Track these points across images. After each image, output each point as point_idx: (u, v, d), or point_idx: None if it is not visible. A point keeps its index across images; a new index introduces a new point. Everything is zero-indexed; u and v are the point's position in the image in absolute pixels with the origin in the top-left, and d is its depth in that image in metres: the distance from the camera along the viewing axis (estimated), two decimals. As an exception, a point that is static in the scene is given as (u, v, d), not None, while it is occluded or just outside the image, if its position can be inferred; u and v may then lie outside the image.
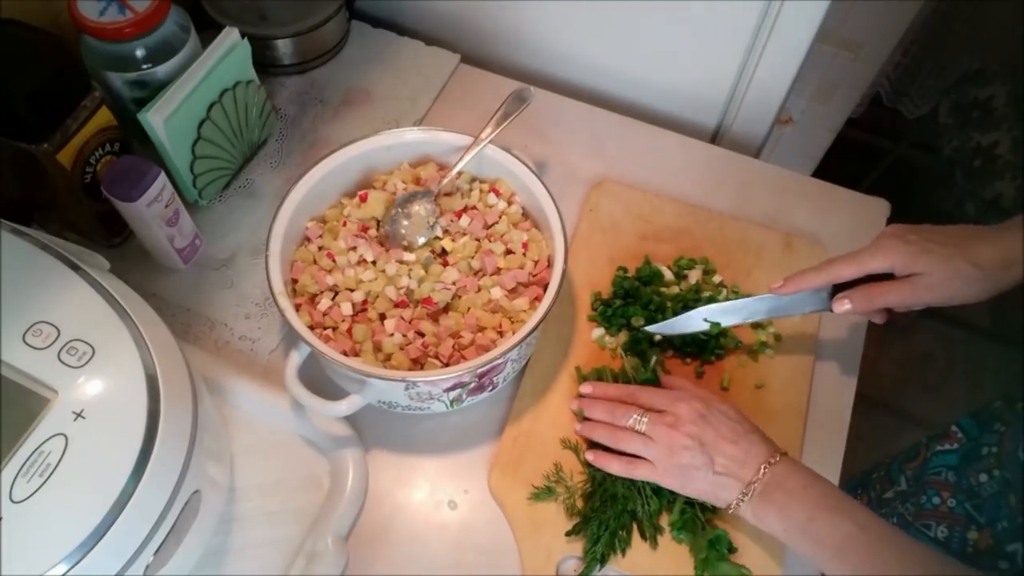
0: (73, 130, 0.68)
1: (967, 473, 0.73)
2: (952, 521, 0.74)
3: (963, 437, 0.77)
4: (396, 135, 0.76)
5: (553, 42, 0.96)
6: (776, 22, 0.81)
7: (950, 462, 0.77)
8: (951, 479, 0.76)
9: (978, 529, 0.71)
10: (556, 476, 0.70)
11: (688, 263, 0.81)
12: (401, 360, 0.66)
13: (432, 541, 0.68)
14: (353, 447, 0.70)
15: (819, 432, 0.74)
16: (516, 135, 0.78)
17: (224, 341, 0.77)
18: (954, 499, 0.74)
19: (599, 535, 0.66)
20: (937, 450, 0.79)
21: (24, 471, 0.47)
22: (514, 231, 0.73)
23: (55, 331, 0.52)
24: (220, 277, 0.81)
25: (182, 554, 0.55)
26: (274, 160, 0.89)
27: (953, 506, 0.74)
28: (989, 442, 0.72)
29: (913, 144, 1.86)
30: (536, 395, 0.74)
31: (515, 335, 0.64)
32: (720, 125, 0.97)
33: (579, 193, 0.88)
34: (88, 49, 0.74)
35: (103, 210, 0.74)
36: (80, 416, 0.49)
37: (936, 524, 0.75)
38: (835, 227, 0.86)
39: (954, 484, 0.75)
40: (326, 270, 0.71)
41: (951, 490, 0.75)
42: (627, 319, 0.76)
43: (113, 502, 0.47)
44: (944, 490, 0.75)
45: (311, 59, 0.95)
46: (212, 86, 0.76)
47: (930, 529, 0.75)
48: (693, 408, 0.64)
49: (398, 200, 0.74)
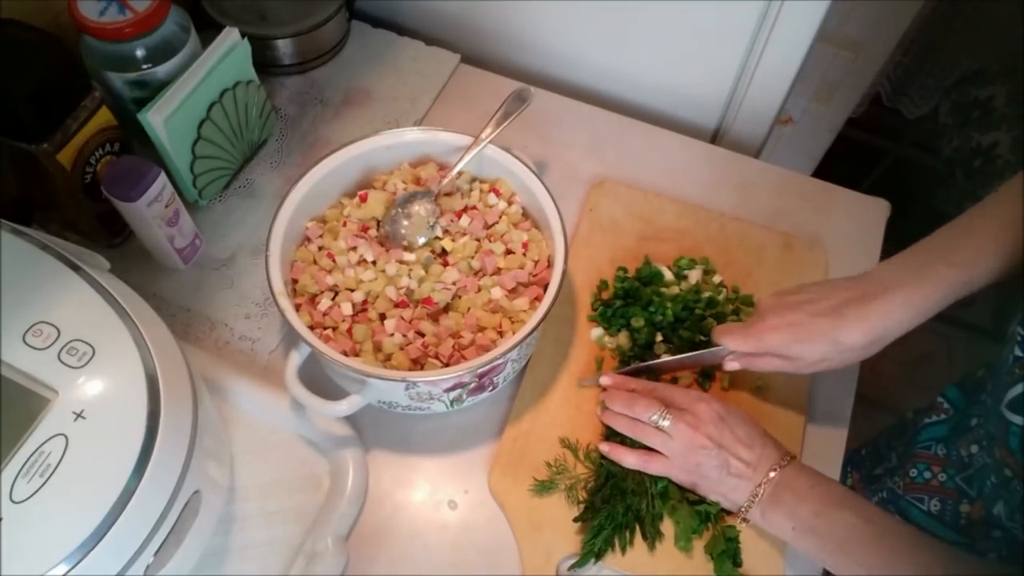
0: (73, 130, 0.68)
1: (957, 445, 0.74)
2: (944, 495, 0.75)
3: (950, 408, 0.78)
4: (396, 135, 0.76)
5: (553, 42, 0.96)
6: (776, 22, 0.81)
7: (939, 434, 0.78)
8: (941, 452, 0.76)
9: (970, 502, 0.73)
10: (559, 468, 0.70)
11: (688, 263, 0.81)
12: (401, 360, 0.66)
13: (432, 541, 0.68)
14: (353, 447, 0.70)
15: (819, 432, 0.74)
16: (516, 135, 0.78)
17: (224, 341, 0.77)
18: (945, 473, 0.75)
19: (602, 527, 0.66)
20: (925, 423, 0.80)
21: (24, 471, 0.47)
22: (514, 231, 0.73)
23: (55, 331, 0.52)
24: (220, 277, 0.81)
25: (182, 554, 0.55)
26: (274, 160, 0.89)
27: (944, 480, 0.75)
28: (977, 413, 0.73)
29: (913, 144, 1.86)
30: (536, 395, 0.74)
31: (515, 335, 0.64)
32: (720, 125, 0.97)
33: (579, 193, 0.88)
34: (88, 49, 0.74)
35: (103, 210, 0.74)
36: (80, 416, 0.49)
37: (928, 498, 0.76)
38: (835, 227, 0.86)
39: (944, 457, 0.76)
40: (326, 270, 0.71)
41: (941, 464, 0.76)
42: (627, 319, 0.76)
43: (113, 502, 0.47)
44: (935, 464, 0.76)
45: (311, 59, 0.95)
46: (212, 86, 0.76)
47: (922, 503, 0.76)
48: (713, 409, 0.66)
49: (398, 200, 0.74)
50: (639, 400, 0.68)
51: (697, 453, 0.65)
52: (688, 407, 0.67)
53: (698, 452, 0.65)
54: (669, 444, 0.66)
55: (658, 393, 0.69)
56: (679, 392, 0.69)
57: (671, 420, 0.66)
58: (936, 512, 0.75)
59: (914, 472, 0.78)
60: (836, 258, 0.84)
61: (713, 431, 0.65)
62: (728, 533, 0.66)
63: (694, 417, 0.65)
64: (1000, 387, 0.62)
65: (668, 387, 0.70)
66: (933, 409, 0.80)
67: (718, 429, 0.65)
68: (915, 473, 0.78)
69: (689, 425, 0.65)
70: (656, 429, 0.66)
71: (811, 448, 0.73)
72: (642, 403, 0.68)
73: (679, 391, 0.69)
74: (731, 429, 0.65)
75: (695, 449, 0.65)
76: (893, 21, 1.31)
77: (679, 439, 0.65)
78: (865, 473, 0.88)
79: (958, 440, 0.75)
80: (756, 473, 0.64)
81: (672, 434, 0.66)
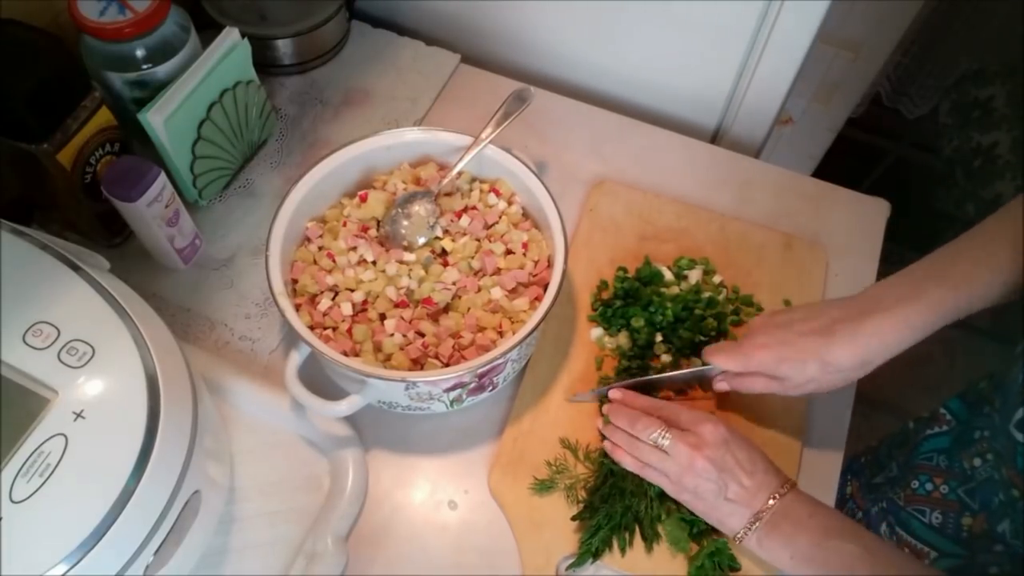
0: (73, 130, 0.68)
1: (960, 457, 0.74)
2: (946, 507, 0.74)
3: (952, 420, 0.78)
4: (396, 135, 0.76)
5: (553, 42, 0.96)
6: (776, 22, 0.81)
7: (941, 445, 0.77)
8: (943, 464, 0.76)
9: (972, 515, 0.72)
10: (559, 467, 0.70)
11: (688, 263, 0.81)
12: (401, 360, 0.66)
13: (432, 541, 0.68)
14: (353, 447, 0.70)
15: (819, 432, 0.74)
16: (516, 135, 0.78)
17: (224, 341, 0.77)
18: (947, 485, 0.75)
19: (600, 526, 0.66)
20: (927, 434, 0.79)
21: (24, 471, 0.47)
22: (514, 231, 0.73)
23: (55, 331, 0.52)
24: (220, 277, 0.81)
25: (182, 554, 0.55)
26: (274, 160, 0.89)
27: (946, 492, 0.74)
28: (981, 425, 0.73)
29: (913, 144, 1.86)
30: (536, 395, 0.74)
31: (515, 335, 0.64)
32: (720, 125, 0.97)
33: (579, 193, 0.88)
34: (88, 49, 0.74)
35: (103, 210, 0.74)
36: (80, 416, 0.49)
37: (930, 510, 0.75)
38: (835, 227, 0.86)
39: (946, 469, 0.75)
40: (326, 270, 0.71)
41: (943, 476, 0.75)
42: (627, 319, 0.76)
43: (113, 502, 0.47)
44: (936, 476, 0.76)
45: (311, 59, 0.95)
46: (212, 86, 0.76)
47: (924, 515, 0.76)
48: (718, 432, 0.64)
49: (398, 200, 0.74)
50: (641, 418, 0.67)
51: (696, 475, 0.63)
52: (693, 427, 0.65)
53: (697, 474, 0.63)
54: (667, 464, 0.65)
55: (664, 412, 0.67)
56: (685, 412, 0.67)
57: (671, 440, 0.64)
58: (937, 524, 0.74)
59: (915, 484, 0.77)
60: (836, 258, 0.84)
61: (714, 454, 0.63)
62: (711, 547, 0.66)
63: (697, 438, 0.64)
64: (1009, 407, 0.61)
65: (675, 406, 0.68)
66: (935, 420, 0.79)
67: (719, 452, 0.63)
68: (916, 485, 0.77)
69: (690, 446, 0.63)
70: (655, 448, 0.65)
71: (811, 448, 0.73)
72: (644, 421, 0.66)
73: (686, 411, 0.67)
74: (733, 453, 0.63)
75: (694, 471, 0.63)
76: (893, 21, 1.31)
77: (678, 459, 0.64)
78: (864, 481, 0.87)
79: (961, 452, 0.74)
80: (754, 500, 0.62)
81: (671, 454, 0.64)
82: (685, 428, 0.65)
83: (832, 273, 0.83)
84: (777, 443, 0.72)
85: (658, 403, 0.70)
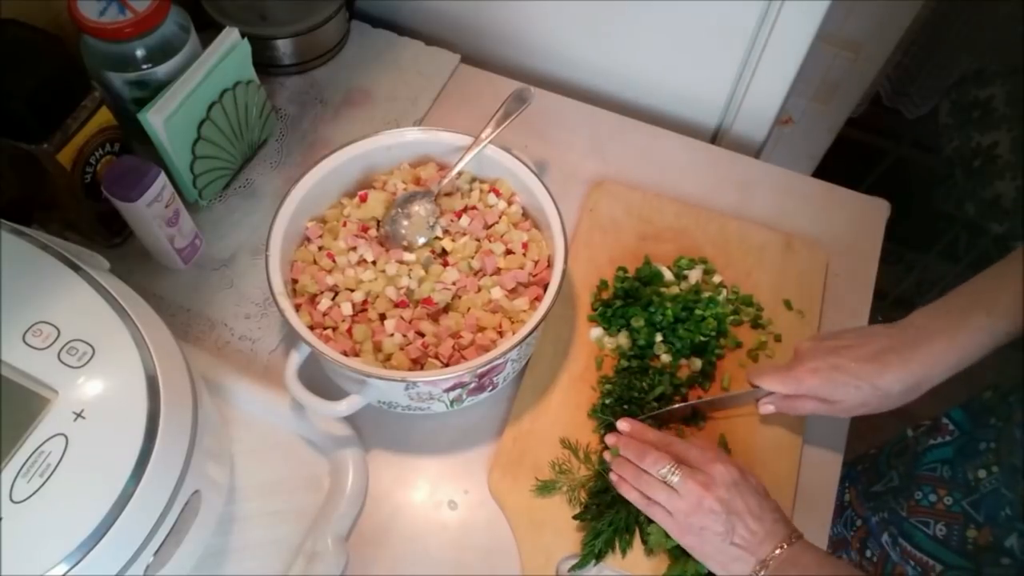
0: (73, 130, 0.68)
1: (964, 469, 0.73)
2: (950, 519, 0.74)
3: (955, 430, 0.77)
4: (396, 135, 0.76)
5: (553, 42, 0.96)
6: (776, 22, 0.81)
7: (944, 456, 0.77)
8: (946, 475, 0.76)
9: (977, 527, 0.71)
10: (562, 468, 0.70)
11: (688, 263, 0.81)
12: (401, 360, 0.66)
13: (432, 541, 0.68)
14: (353, 447, 0.70)
15: (819, 432, 0.74)
16: (516, 135, 0.78)
17: (224, 341, 0.77)
18: (951, 497, 0.74)
19: (602, 530, 0.66)
20: (930, 444, 0.79)
21: (24, 471, 0.47)
22: (514, 231, 0.73)
23: (55, 331, 0.52)
24: (220, 277, 0.81)
25: (182, 554, 0.55)
26: (274, 160, 0.89)
27: (950, 504, 0.74)
28: (986, 437, 0.73)
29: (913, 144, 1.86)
30: (536, 395, 0.74)
31: (515, 335, 0.64)
32: (720, 125, 0.97)
33: (579, 193, 0.88)
34: (88, 49, 0.74)
35: (103, 210, 0.74)
36: (80, 416, 0.49)
37: (934, 522, 0.75)
38: (835, 227, 0.86)
39: (950, 480, 0.75)
40: (326, 270, 0.71)
41: (947, 487, 0.75)
42: (627, 319, 0.76)
43: (113, 502, 0.47)
44: (940, 487, 0.76)
45: (311, 59, 0.95)
46: (212, 86, 0.76)
47: (928, 527, 0.75)
48: (729, 473, 0.63)
49: (398, 200, 0.74)
50: (651, 452, 0.64)
51: (703, 515, 0.61)
52: (703, 467, 0.63)
53: (705, 514, 0.61)
54: (674, 501, 0.63)
55: (673, 448, 0.65)
56: (695, 450, 0.65)
57: (680, 477, 0.63)
58: (942, 537, 0.74)
59: (919, 495, 0.77)
60: (836, 258, 0.84)
61: (724, 495, 0.61)
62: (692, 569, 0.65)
63: (707, 477, 0.62)
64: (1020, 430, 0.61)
65: (685, 444, 0.66)
66: (938, 431, 0.79)
67: (729, 494, 0.61)
68: (920, 496, 0.77)
69: (700, 484, 0.62)
70: (663, 484, 0.63)
71: (811, 447, 0.73)
72: (653, 455, 0.64)
73: (696, 449, 0.65)
74: (743, 497, 0.62)
75: (702, 511, 0.61)
76: (893, 21, 1.31)
77: (687, 498, 0.62)
78: (863, 489, 0.87)
79: (965, 464, 0.74)
80: (761, 547, 0.60)
81: (680, 491, 0.62)
82: (695, 467, 0.63)
83: (832, 273, 0.83)
84: (777, 447, 0.72)
85: (667, 438, 0.67)
